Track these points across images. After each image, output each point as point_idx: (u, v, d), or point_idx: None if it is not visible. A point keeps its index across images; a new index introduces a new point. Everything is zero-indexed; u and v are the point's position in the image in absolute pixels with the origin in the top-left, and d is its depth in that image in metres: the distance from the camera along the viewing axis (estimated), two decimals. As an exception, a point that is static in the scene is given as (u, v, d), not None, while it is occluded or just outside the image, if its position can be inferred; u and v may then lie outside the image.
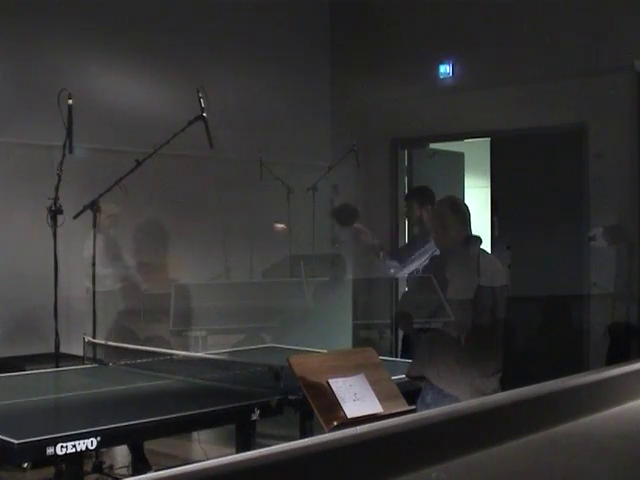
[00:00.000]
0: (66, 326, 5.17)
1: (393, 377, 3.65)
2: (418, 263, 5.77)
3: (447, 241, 4.10)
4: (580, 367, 6.59)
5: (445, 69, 8.02)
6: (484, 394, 3.65)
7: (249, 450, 1.23)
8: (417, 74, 8.16)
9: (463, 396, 3.72)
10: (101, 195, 5.23)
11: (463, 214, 4.16)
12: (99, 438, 3.03)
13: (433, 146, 8.71)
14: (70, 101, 4.87)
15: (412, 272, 5.75)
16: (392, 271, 5.84)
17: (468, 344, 3.89)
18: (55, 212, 4.92)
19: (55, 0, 6.64)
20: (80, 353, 4.86)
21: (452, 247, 4.09)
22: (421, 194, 6.29)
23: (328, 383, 3.35)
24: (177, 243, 7.14)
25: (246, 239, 7.55)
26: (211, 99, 5.19)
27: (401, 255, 5.99)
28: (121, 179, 5.20)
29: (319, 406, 3.30)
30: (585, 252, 7.07)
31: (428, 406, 3.75)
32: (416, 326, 4.10)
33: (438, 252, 4.52)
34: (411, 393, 3.82)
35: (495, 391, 3.77)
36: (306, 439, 1.32)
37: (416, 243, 5.98)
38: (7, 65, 6.46)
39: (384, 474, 1.31)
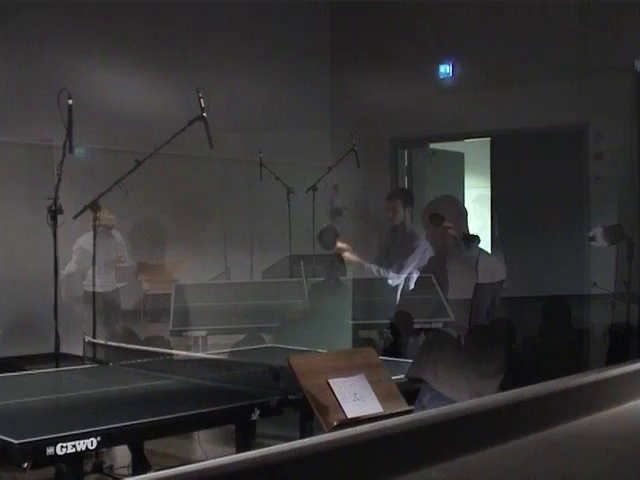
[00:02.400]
0: (66, 326, 5.17)
1: (393, 377, 3.65)
2: (413, 266, 5.84)
3: (444, 241, 3.98)
4: (580, 367, 6.59)
5: (445, 69, 8.02)
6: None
7: (249, 450, 1.23)
8: (417, 74, 8.15)
9: (462, 399, 3.66)
10: (101, 195, 5.23)
11: (459, 212, 4.08)
12: (99, 438, 3.02)
13: (433, 146, 8.71)
14: (70, 101, 4.87)
15: (408, 275, 5.84)
16: (391, 282, 5.92)
17: (468, 344, 3.84)
18: (55, 212, 4.92)
19: (55, 0, 6.65)
20: (80, 353, 4.86)
21: (448, 247, 3.97)
22: (405, 195, 6.34)
23: (328, 383, 3.35)
24: (177, 243, 7.15)
25: (246, 239, 7.56)
26: (211, 99, 5.19)
27: (382, 255, 6.08)
28: (121, 179, 5.20)
29: (319, 406, 3.30)
30: (585, 252, 7.07)
31: (424, 408, 3.67)
32: (416, 327, 4.07)
33: (429, 251, 4.47)
34: (410, 393, 3.81)
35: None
36: (306, 439, 1.32)
37: (402, 245, 6.06)
38: (7, 65, 6.46)
39: (384, 474, 1.31)
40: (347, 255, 5.90)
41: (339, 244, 5.97)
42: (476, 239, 4.05)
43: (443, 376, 3.76)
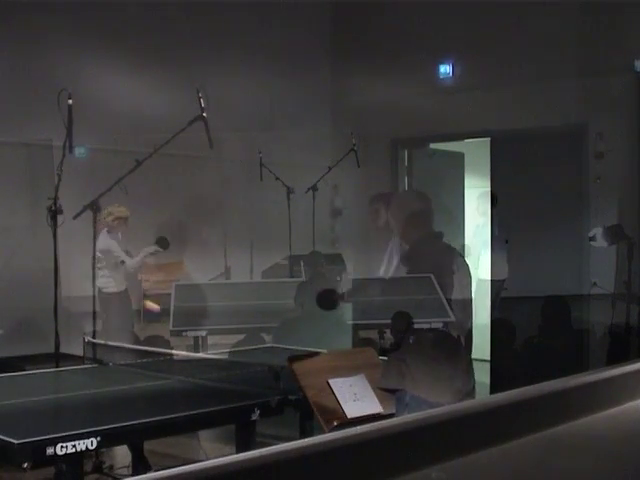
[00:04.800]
0: (66, 326, 5.17)
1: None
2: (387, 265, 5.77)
3: (416, 235, 3.80)
4: (580, 367, 6.59)
5: (445, 69, 8.02)
6: (466, 394, 3.49)
7: (249, 450, 1.23)
8: (417, 74, 8.15)
9: (445, 400, 3.38)
10: (101, 195, 5.24)
11: (429, 207, 3.89)
12: (99, 438, 3.03)
13: (433, 146, 8.70)
14: (70, 101, 4.87)
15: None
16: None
17: (438, 344, 3.62)
18: (55, 212, 4.93)
19: (55, 0, 6.64)
20: (80, 353, 4.86)
21: (421, 241, 3.80)
22: (387, 198, 6.30)
23: (328, 383, 3.36)
24: (177, 243, 7.15)
25: (246, 239, 7.55)
26: (211, 99, 5.19)
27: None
28: (121, 179, 5.20)
29: (319, 406, 3.30)
30: (585, 252, 7.07)
31: (407, 406, 3.47)
32: (415, 327, 3.99)
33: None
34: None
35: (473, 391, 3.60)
36: (306, 439, 1.32)
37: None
38: (7, 65, 6.45)
39: (384, 474, 1.31)
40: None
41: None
42: (441, 235, 3.94)
43: (424, 382, 3.51)
